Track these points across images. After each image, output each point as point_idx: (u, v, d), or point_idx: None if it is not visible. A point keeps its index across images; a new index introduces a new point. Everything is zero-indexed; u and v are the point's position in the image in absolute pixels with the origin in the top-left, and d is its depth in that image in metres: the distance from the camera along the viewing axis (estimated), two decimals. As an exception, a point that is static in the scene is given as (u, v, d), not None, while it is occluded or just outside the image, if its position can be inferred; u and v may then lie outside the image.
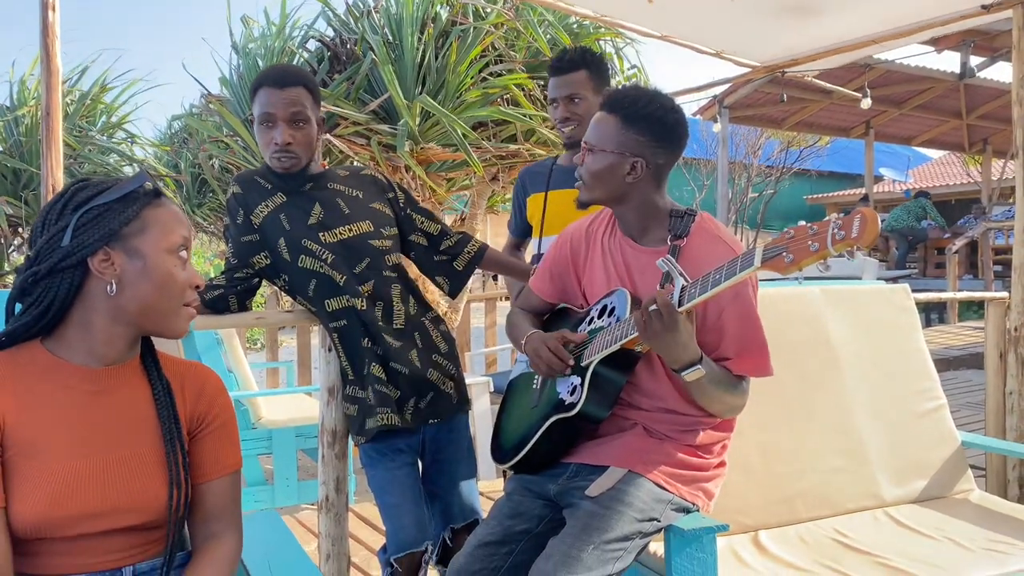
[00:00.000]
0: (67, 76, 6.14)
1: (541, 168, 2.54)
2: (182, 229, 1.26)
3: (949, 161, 21.61)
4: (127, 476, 1.20)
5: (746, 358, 1.70)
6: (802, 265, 1.32)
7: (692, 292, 1.49)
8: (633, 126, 1.71)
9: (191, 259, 1.28)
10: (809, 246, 1.30)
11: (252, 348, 11.75)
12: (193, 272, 1.26)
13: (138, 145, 6.55)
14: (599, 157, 1.73)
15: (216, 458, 1.33)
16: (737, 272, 1.41)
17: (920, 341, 2.43)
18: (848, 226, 1.25)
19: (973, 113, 12.18)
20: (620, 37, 4.63)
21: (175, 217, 1.26)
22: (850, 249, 1.26)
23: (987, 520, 2.06)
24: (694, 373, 1.57)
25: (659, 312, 1.49)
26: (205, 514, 1.31)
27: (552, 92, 2.37)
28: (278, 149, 1.94)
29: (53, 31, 2.53)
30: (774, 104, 10.29)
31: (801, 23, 3.59)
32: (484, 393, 4.10)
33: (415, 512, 2.01)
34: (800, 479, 2.09)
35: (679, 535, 1.62)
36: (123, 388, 1.25)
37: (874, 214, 1.24)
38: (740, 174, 19.23)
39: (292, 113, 1.93)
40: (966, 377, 6.51)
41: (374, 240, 2.04)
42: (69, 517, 1.15)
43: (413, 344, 2.04)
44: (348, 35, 4.39)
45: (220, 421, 1.34)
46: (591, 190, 1.77)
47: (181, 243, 1.26)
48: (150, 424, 1.25)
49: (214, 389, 1.36)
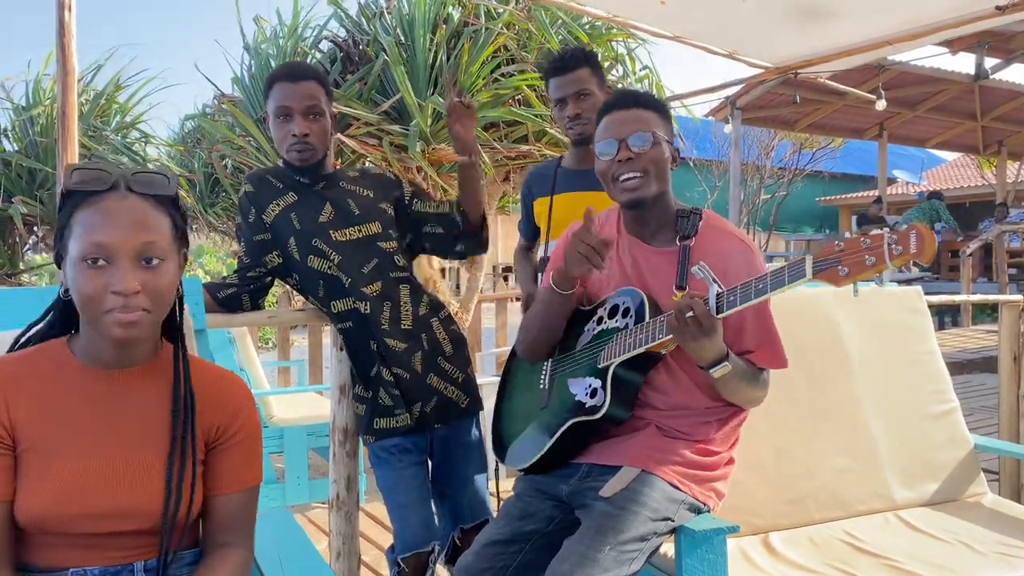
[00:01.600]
0: (81, 74, 6.19)
1: (546, 170, 2.53)
2: (96, 234, 1.13)
3: (963, 163, 21.47)
4: (131, 482, 1.19)
5: (764, 351, 1.73)
6: (858, 279, 1.34)
7: (732, 300, 1.51)
8: (667, 119, 1.79)
9: (124, 262, 1.14)
10: (865, 260, 1.32)
11: (264, 347, 11.79)
12: (113, 278, 1.13)
13: (152, 145, 6.59)
14: (660, 149, 1.74)
15: (233, 472, 1.30)
16: (786, 282, 1.43)
17: (933, 343, 2.42)
18: (905, 241, 1.27)
19: (988, 115, 12.10)
20: (632, 38, 4.62)
21: (96, 219, 1.15)
22: (906, 264, 1.27)
23: (1000, 524, 2.05)
24: (722, 369, 1.59)
25: (696, 319, 1.51)
26: (217, 525, 1.30)
27: (558, 92, 2.36)
28: (296, 141, 1.95)
29: (69, 31, 2.56)
30: (787, 105, 10.25)
31: (814, 25, 3.58)
32: (494, 394, 4.10)
33: (421, 512, 2.02)
34: (811, 480, 2.09)
35: (690, 536, 1.62)
36: (138, 391, 1.24)
37: (930, 231, 1.26)
38: (752, 176, 19.16)
39: (308, 106, 1.95)
40: (980, 380, 6.47)
41: (382, 242, 2.05)
42: (72, 516, 1.15)
43: (419, 346, 2.03)
44: (360, 36, 4.40)
45: (241, 436, 1.31)
46: (659, 182, 1.75)
47: (88, 248, 1.13)
48: (163, 431, 1.24)
49: (239, 403, 1.32)
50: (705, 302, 1.52)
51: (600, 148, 1.77)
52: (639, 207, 1.76)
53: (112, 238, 1.14)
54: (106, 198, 1.16)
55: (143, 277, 1.15)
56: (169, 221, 1.21)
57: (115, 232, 1.14)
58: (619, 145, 1.72)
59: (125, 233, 1.14)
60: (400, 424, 2.00)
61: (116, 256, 1.14)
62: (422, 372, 2.03)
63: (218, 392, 1.31)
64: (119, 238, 1.14)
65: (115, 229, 1.14)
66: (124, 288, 1.12)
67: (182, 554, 1.27)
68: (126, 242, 1.14)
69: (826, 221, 23.29)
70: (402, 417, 2.00)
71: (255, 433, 1.33)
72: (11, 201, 5.54)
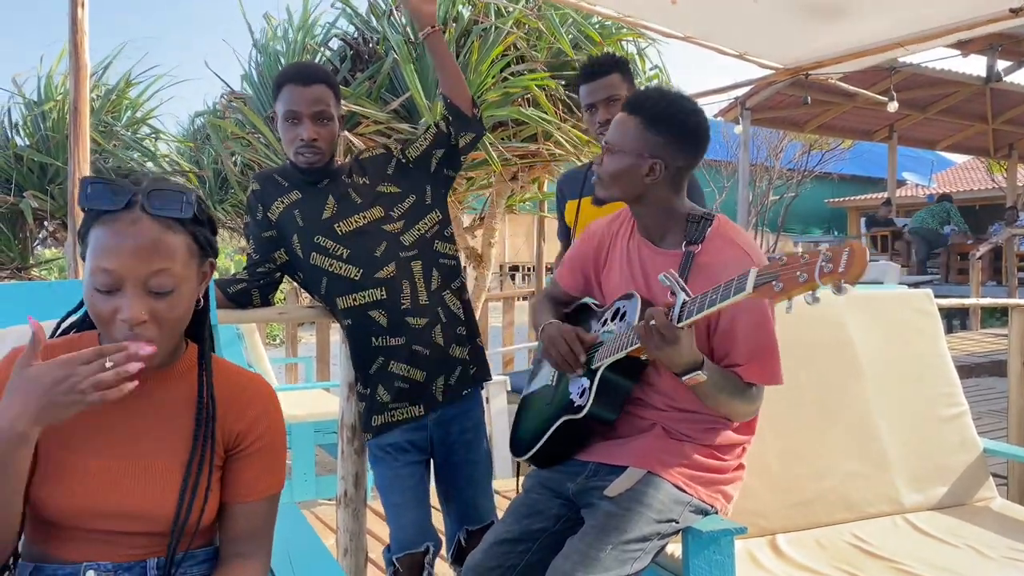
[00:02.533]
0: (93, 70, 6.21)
1: (577, 174, 2.57)
2: (103, 259, 1.09)
3: (973, 166, 21.36)
4: (147, 485, 1.17)
5: (755, 365, 1.69)
6: (791, 295, 1.30)
7: (691, 309, 1.49)
8: (654, 127, 1.71)
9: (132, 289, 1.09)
10: (798, 277, 1.28)
11: (271, 344, 11.83)
12: (121, 305, 1.09)
13: (162, 141, 6.61)
14: (618, 158, 1.73)
15: (253, 480, 1.26)
16: (731, 295, 1.41)
17: (942, 346, 2.41)
18: (837, 259, 1.23)
19: (999, 118, 12.04)
20: (642, 38, 4.62)
21: (105, 243, 1.10)
22: (837, 283, 1.23)
23: (1009, 529, 2.04)
24: (694, 378, 1.58)
25: (657, 328, 1.50)
26: (234, 533, 1.26)
27: (588, 98, 2.39)
28: (303, 145, 1.96)
29: (82, 27, 2.57)
30: (796, 106, 10.23)
31: (826, 25, 3.57)
32: (501, 392, 4.11)
33: (416, 512, 2.02)
34: (819, 483, 2.08)
35: (697, 537, 1.62)
36: (161, 392, 1.22)
37: (863, 248, 1.21)
38: (761, 177, 19.11)
39: (317, 111, 1.95)
40: (989, 384, 6.44)
41: (386, 225, 2.05)
42: (86, 513, 1.15)
43: (437, 320, 2.04)
44: (370, 34, 4.41)
45: (262, 444, 1.26)
46: (608, 188, 1.77)
47: (95, 273, 1.09)
48: (184, 435, 1.21)
49: (262, 409, 1.27)
50: (668, 312, 1.51)
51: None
52: (601, 204, 1.83)
53: (119, 265, 1.09)
54: (118, 219, 1.10)
55: (152, 306, 1.11)
56: (187, 239, 1.15)
57: (123, 259, 1.09)
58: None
59: (134, 260, 1.09)
60: (397, 419, 2.01)
61: (123, 284, 1.09)
62: (444, 344, 2.04)
63: (242, 396, 1.27)
64: (127, 266, 1.09)
65: (123, 256, 1.09)
66: (130, 318, 1.09)
67: (195, 552, 1.25)
68: (134, 270, 1.09)
69: (835, 223, 23.22)
70: (399, 412, 2.00)
71: (278, 439, 1.29)
72: (22, 196, 5.57)
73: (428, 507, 2.07)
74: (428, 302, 2.04)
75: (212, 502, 1.22)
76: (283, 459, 1.30)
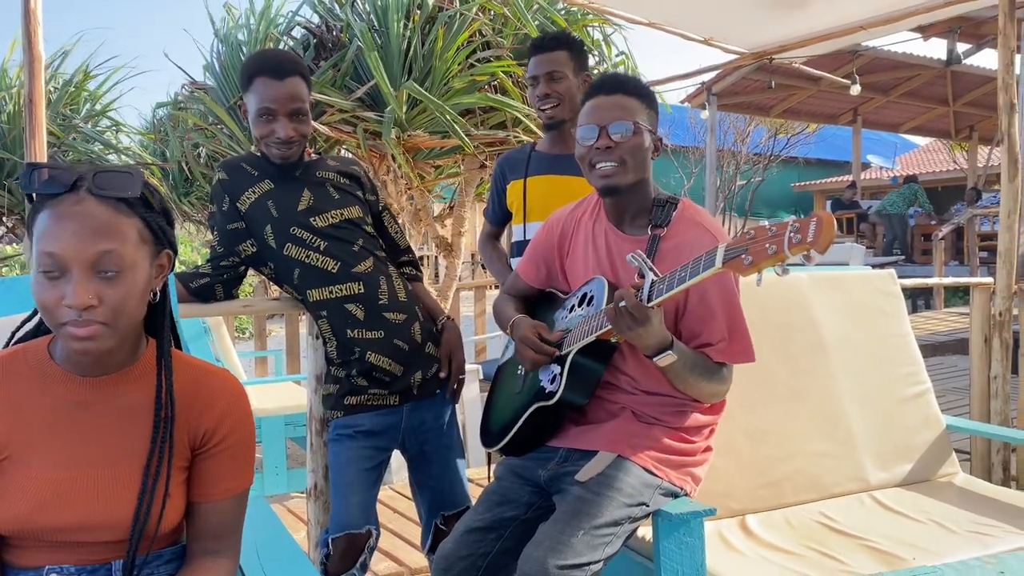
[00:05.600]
0: (48, 60, 6.07)
1: (520, 155, 2.53)
2: (47, 243, 1.05)
3: (936, 148, 21.71)
4: (105, 495, 1.13)
5: (728, 345, 1.71)
6: (761, 268, 1.31)
7: (660, 288, 1.50)
8: (652, 107, 1.77)
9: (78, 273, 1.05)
10: (767, 249, 1.29)
11: (240, 337, 11.70)
12: (67, 291, 1.04)
13: (123, 133, 6.49)
14: (640, 138, 1.72)
15: (221, 478, 1.23)
16: (700, 271, 1.42)
17: (906, 326, 2.45)
18: (805, 230, 1.23)
19: (960, 100, 12.25)
20: (608, 23, 4.61)
21: (48, 227, 1.06)
22: (806, 253, 1.23)
23: (971, 503, 2.08)
24: (666, 359, 1.59)
25: (627, 309, 1.50)
26: (202, 532, 1.23)
27: (533, 70, 2.38)
28: (280, 142, 1.91)
29: (35, 17, 2.49)
30: (762, 91, 10.31)
31: (789, 11, 3.59)
32: (474, 381, 4.10)
33: (365, 495, 1.98)
34: (787, 463, 2.11)
35: (667, 520, 1.63)
36: (116, 398, 1.18)
37: (831, 217, 1.22)
38: (728, 162, 19.25)
39: (293, 108, 1.90)
40: (951, 362, 6.57)
41: (364, 225, 2.04)
42: (47, 527, 1.11)
43: (416, 317, 2.04)
44: (333, 22, 4.36)
45: (230, 441, 1.23)
46: (635, 171, 1.73)
47: (40, 258, 1.05)
48: (141, 440, 1.16)
49: (229, 404, 1.23)
50: (637, 292, 1.51)
51: (581, 132, 1.76)
52: (613, 194, 1.76)
53: (63, 248, 1.04)
54: (62, 201, 1.06)
55: (100, 289, 1.06)
56: (138, 223, 1.11)
57: (67, 241, 1.04)
58: (599, 132, 1.72)
59: (78, 242, 1.04)
60: (372, 403, 1.99)
61: (68, 267, 1.04)
62: (421, 342, 2.04)
63: (206, 393, 1.22)
64: (71, 248, 1.04)
65: (67, 238, 1.04)
66: (76, 303, 1.04)
67: (161, 552, 1.23)
68: (79, 252, 1.04)
69: (801, 206, 23.48)
70: (376, 397, 1.99)
71: (246, 436, 1.25)
72: (-22, 191, 5.45)
73: (376, 494, 2.03)
74: (407, 299, 2.04)
75: (174, 505, 1.19)
76: (252, 455, 1.27)
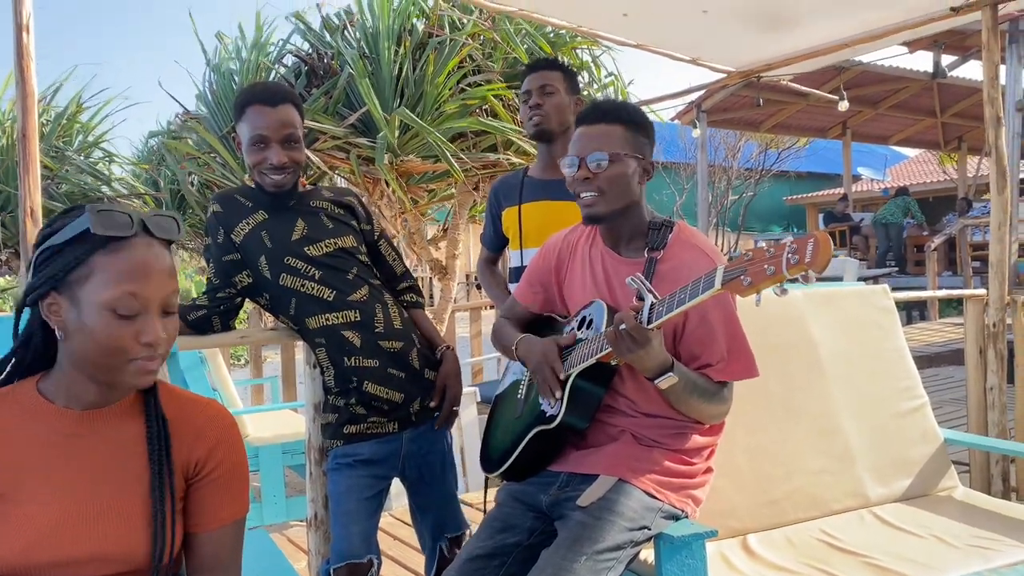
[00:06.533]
0: (41, 94, 6.10)
1: (513, 180, 2.56)
2: (129, 284, 1.11)
3: (925, 159, 21.85)
4: (107, 526, 1.14)
5: (727, 364, 1.72)
6: (759, 288, 1.32)
7: (660, 310, 1.50)
8: (638, 131, 1.77)
9: (154, 312, 1.14)
10: (766, 269, 1.30)
11: (236, 364, 11.67)
12: (144, 328, 1.12)
13: (116, 164, 6.50)
14: (616, 166, 1.73)
15: (214, 508, 1.24)
16: (700, 293, 1.43)
17: (900, 340, 2.46)
18: (802, 250, 1.25)
19: (947, 111, 12.34)
20: (597, 45, 4.65)
21: (129, 268, 1.12)
22: (804, 273, 1.25)
23: (971, 516, 2.08)
24: (667, 380, 1.59)
25: (628, 332, 1.51)
26: (201, 563, 1.24)
27: (525, 86, 2.46)
28: (273, 169, 1.93)
29: (28, 53, 2.51)
30: (751, 107, 10.38)
31: (774, 31, 3.63)
32: (471, 403, 4.10)
33: (366, 524, 1.98)
34: (786, 481, 2.11)
35: (669, 542, 1.63)
36: (110, 431, 1.19)
37: (827, 237, 1.23)
38: (720, 177, 19.33)
39: (286, 135, 1.92)
40: (948, 373, 6.58)
41: (359, 254, 2.05)
42: (46, 564, 1.11)
43: (412, 344, 2.04)
44: (324, 49, 4.39)
45: (223, 469, 1.24)
46: (613, 201, 1.74)
47: (121, 298, 1.11)
48: (139, 470, 1.18)
49: (219, 434, 1.25)
50: (637, 314, 1.52)
51: (565, 163, 1.78)
52: (595, 222, 1.79)
53: (147, 289, 1.13)
54: (134, 244, 1.13)
55: (166, 325, 1.16)
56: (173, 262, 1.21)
57: (151, 282, 1.13)
58: (579, 163, 1.74)
59: (159, 283, 1.14)
60: (372, 431, 1.99)
61: (148, 306, 1.13)
62: (419, 368, 2.04)
63: (193, 424, 1.24)
64: (154, 288, 1.13)
65: (151, 279, 1.13)
66: (155, 339, 1.13)
67: None
68: (158, 291, 1.14)
69: (794, 220, 23.58)
70: (375, 425, 1.99)
71: (238, 465, 1.27)
72: (-27, 224, 5.45)
73: (377, 523, 2.02)
74: (402, 326, 2.04)
75: (179, 533, 1.20)
76: (246, 483, 1.28)
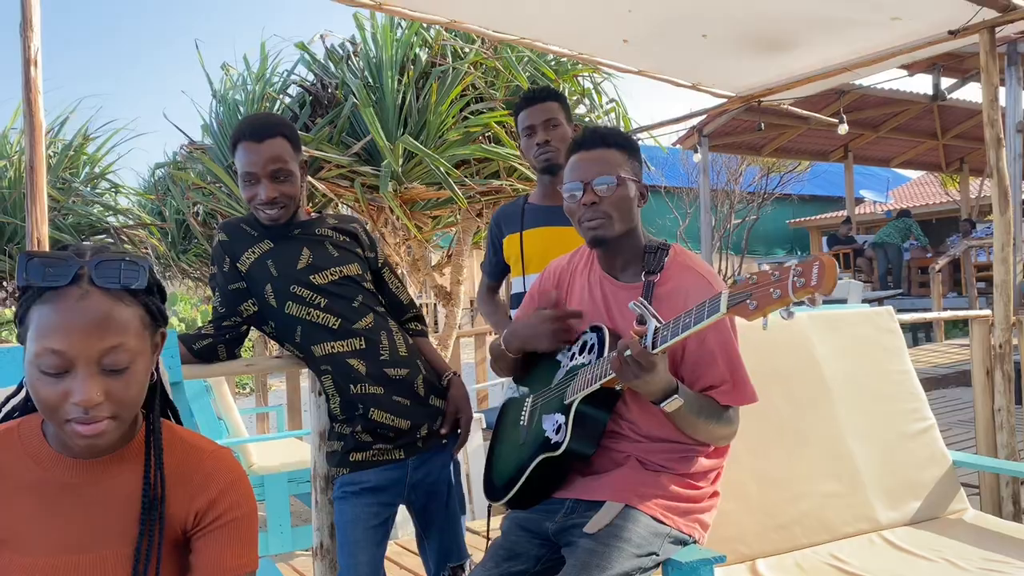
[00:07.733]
0: (49, 126, 6.16)
1: (514, 208, 2.57)
2: (48, 339, 1.00)
3: (927, 181, 21.90)
4: None
5: (731, 387, 1.72)
6: (766, 312, 1.32)
7: (665, 335, 1.50)
8: (632, 155, 1.81)
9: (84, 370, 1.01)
10: (771, 293, 1.30)
11: (241, 392, 11.66)
12: (72, 388, 1.00)
13: (122, 195, 6.56)
14: (624, 187, 1.76)
15: (218, 560, 1.15)
16: (705, 317, 1.43)
17: (906, 362, 2.45)
18: (808, 273, 1.25)
19: (948, 133, 12.39)
20: (598, 72, 4.70)
21: (50, 323, 1.00)
22: (811, 296, 1.25)
23: (982, 539, 2.06)
24: (673, 403, 1.59)
25: (633, 357, 1.51)
26: None
27: (527, 120, 2.45)
28: (263, 204, 1.94)
29: (36, 86, 2.55)
30: (752, 131, 10.43)
31: (773, 55, 3.66)
32: (476, 430, 4.08)
33: (372, 553, 1.97)
34: (795, 505, 2.09)
35: (677, 568, 1.61)
36: (107, 480, 1.13)
37: (832, 261, 1.24)
38: (722, 201, 19.37)
39: (273, 170, 1.93)
40: (956, 395, 6.55)
41: (364, 282, 2.06)
42: None
43: (418, 371, 2.04)
44: (328, 79, 4.44)
45: (225, 519, 1.16)
46: (622, 222, 1.77)
47: (41, 355, 1.00)
48: (124, 526, 1.11)
49: (224, 484, 1.18)
50: (642, 339, 1.52)
51: (566, 188, 1.80)
52: (601, 245, 1.80)
53: (69, 345, 1.00)
54: (65, 295, 1.01)
55: (107, 384, 1.02)
56: (140, 311, 1.07)
57: (74, 338, 1.00)
58: (584, 188, 1.76)
59: (86, 338, 1.00)
60: (378, 459, 1.98)
61: (75, 364, 1.01)
62: (424, 394, 2.03)
63: (198, 472, 1.17)
64: (78, 345, 1.00)
65: (74, 334, 1.00)
66: (84, 400, 1.00)
67: None
68: (86, 349, 1.00)
69: (797, 243, 23.58)
70: (381, 453, 1.98)
71: (243, 518, 1.18)
72: (-20, 256, 5.49)
73: (384, 552, 2.01)
74: (407, 354, 2.04)
75: None
76: (254, 537, 1.20)
